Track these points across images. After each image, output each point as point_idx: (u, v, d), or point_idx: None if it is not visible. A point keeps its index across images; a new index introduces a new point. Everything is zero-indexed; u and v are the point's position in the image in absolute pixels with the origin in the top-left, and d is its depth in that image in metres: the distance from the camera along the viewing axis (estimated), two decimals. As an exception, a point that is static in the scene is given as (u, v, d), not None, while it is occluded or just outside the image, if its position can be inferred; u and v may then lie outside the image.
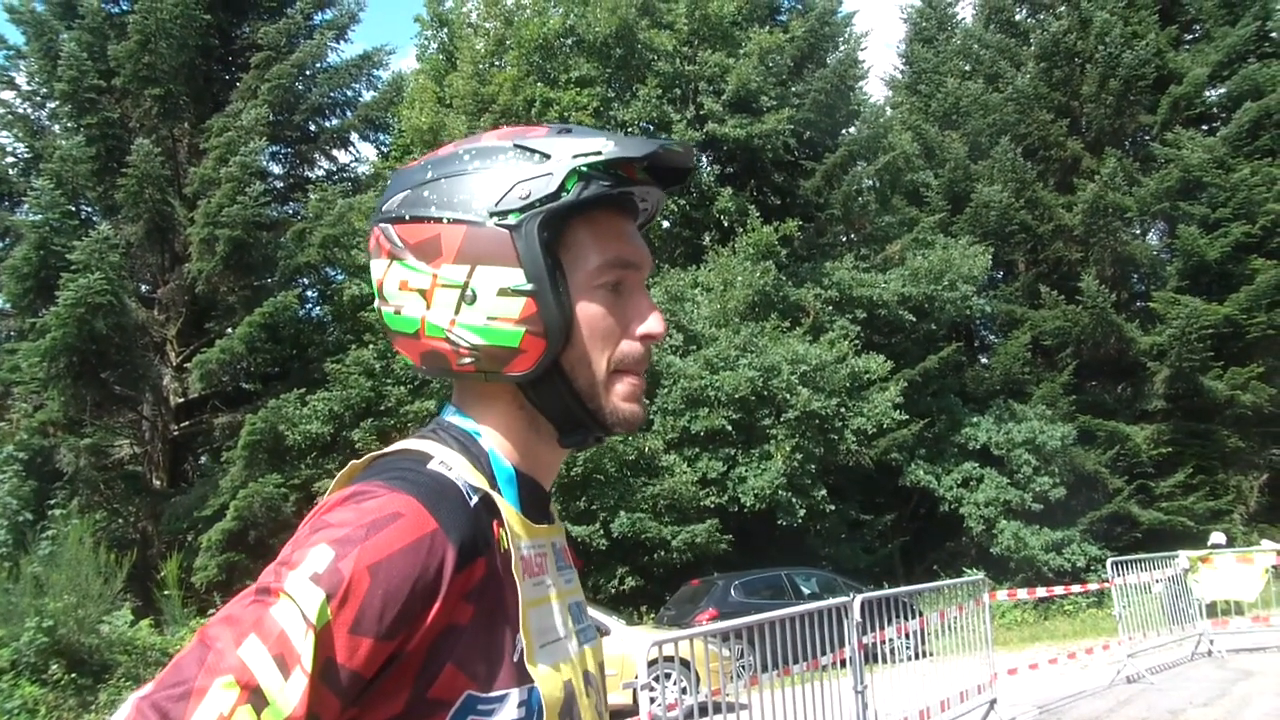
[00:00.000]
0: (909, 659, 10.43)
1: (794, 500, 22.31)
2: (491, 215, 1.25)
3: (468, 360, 1.28)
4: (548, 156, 1.26)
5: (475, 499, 1.20)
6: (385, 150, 27.85)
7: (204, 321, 21.69)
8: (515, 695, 1.16)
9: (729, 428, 22.19)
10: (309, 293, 23.84)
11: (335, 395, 20.85)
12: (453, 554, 1.13)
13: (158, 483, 21.18)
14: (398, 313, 1.32)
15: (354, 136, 25.44)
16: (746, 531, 22.57)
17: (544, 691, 1.19)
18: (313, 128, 24.79)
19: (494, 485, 1.27)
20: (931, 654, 10.80)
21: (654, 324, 1.32)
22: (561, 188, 1.24)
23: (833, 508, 23.44)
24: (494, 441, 1.32)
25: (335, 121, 25.00)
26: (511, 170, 1.26)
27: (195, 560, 19.20)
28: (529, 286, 1.23)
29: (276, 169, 24.63)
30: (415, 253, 1.29)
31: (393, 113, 25.98)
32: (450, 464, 1.23)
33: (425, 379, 20.76)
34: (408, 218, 1.30)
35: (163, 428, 21.37)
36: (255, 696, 1.01)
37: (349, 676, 1.06)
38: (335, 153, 25.43)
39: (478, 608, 1.16)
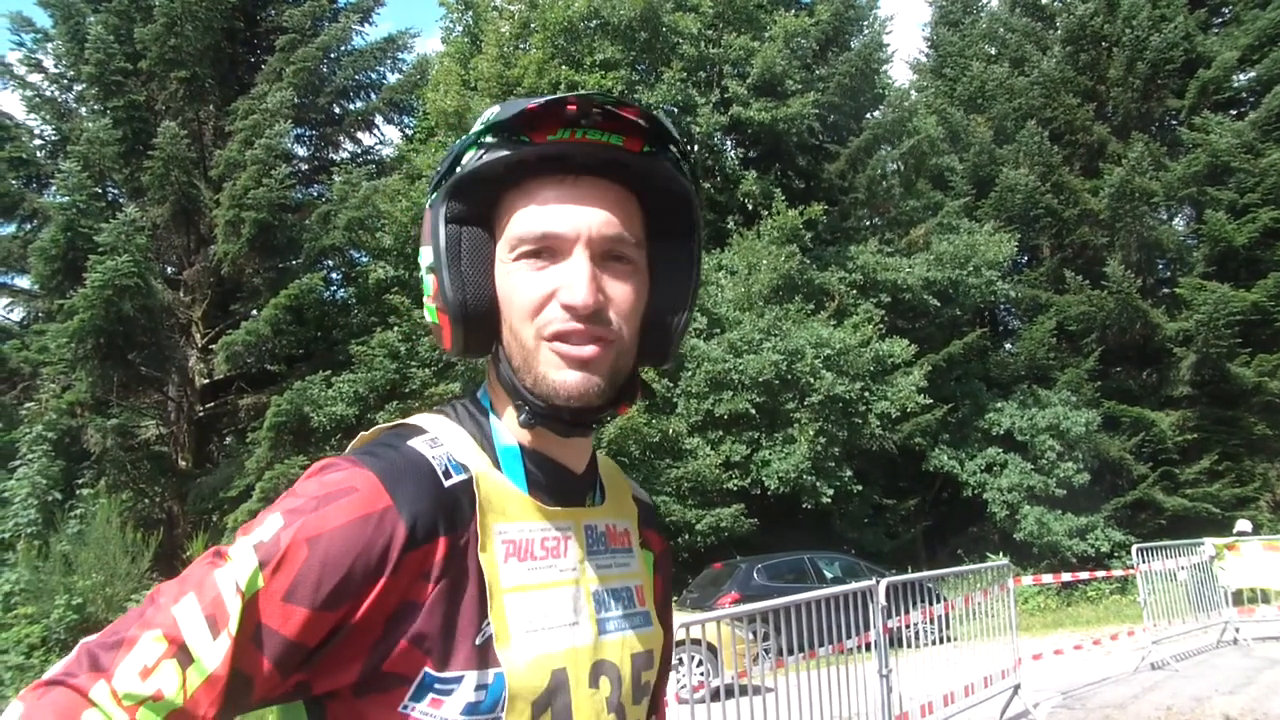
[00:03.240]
0: (933, 644, 10.41)
1: (818, 484, 22.28)
2: (429, 197, 1.29)
3: (435, 339, 1.32)
4: (465, 133, 1.28)
5: (457, 477, 1.21)
6: (409, 133, 27.86)
7: (229, 303, 21.74)
8: (472, 678, 1.16)
9: (752, 411, 22.17)
10: (333, 275, 23.85)
11: (360, 377, 20.89)
12: (403, 532, 1.13)
13: (183, 463, 21.27)
14: None
15: (378, 119, 25.41)
16: (769, 515, 22.59)
17: (514, 678, 1.18)
18: (337, 110, 24.77)
19: (495, 463, 1.28)
20: (955, 639, 10.79)
21: (571, 292, 1.23)
22: (456, 161, 1.25)
23: (859, 488, 23.42)
24: (501, 420, 1.33)
25: (360, 104, 24.97)
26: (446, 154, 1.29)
27: (221, 540, 19.26)
28: (433, 264, 1.26)
29: (301, 151, 24.65)
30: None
31: (417, 95, 25.95)
32: (441, 439, 1.25)
33: (450, 361, 20.82)
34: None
35: (188, 409, 21.46)
36: (181, 652, 1.05)
37: (282, 643, 1.08)
38: (360, 135, 25.41)
39: (436, 587, 1.16)
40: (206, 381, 21.75)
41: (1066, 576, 17.49)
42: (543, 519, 1.28)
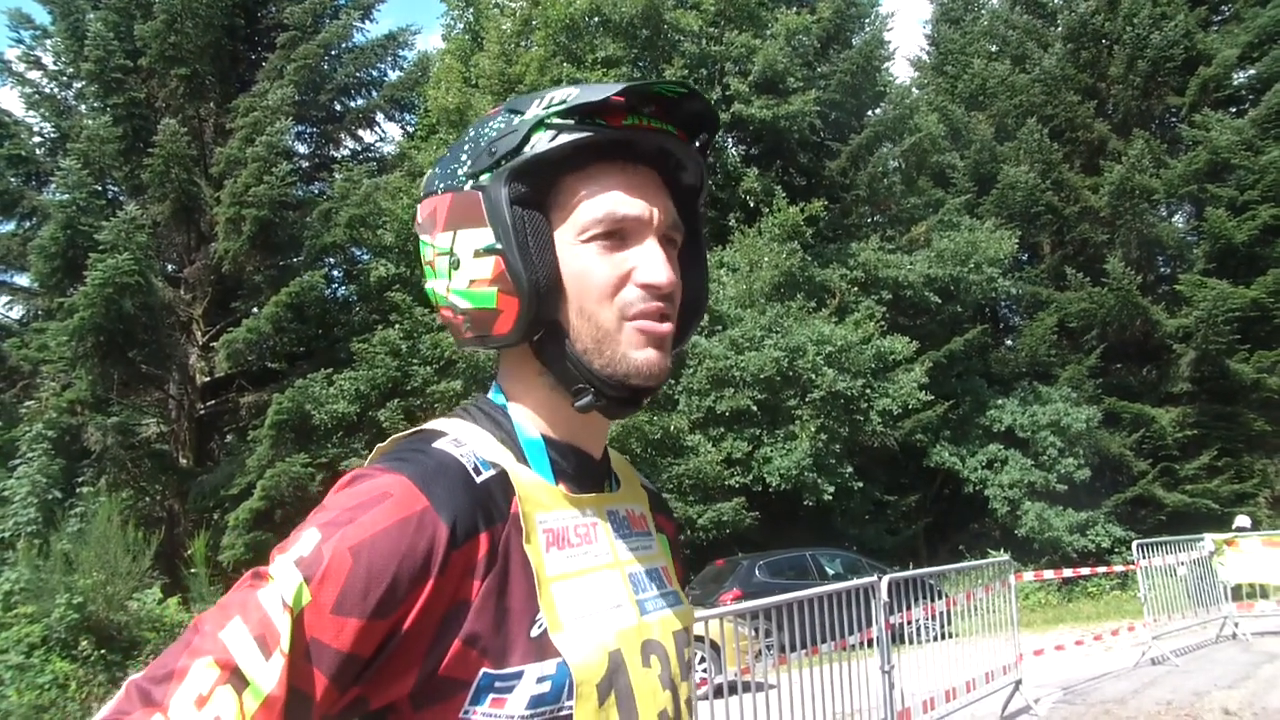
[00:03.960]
0: (934, 640, 10.43)
1: (819, 480, 22.30)
2: (468, 179, 1.27)
3: (465, 326, 1.30)
4: (521, 114, 1.26)
5: (487, 473, 1.21)
6: (411, 130, 27.86)
7: (230, 301, 21.75)
8: (533, 670, 1.16)
9: (754, 408, 22.19)
10: (335, 272, 23.85)
11: (361, 375, 20.90)
12: (445, 531, 1.13)
13: (184, 461, 21.27)
14: (427, 287, 1.36)
15: (379, 116, 25.40)
16: (771, 512, 22.59)
17: (576, 664, 1.18)
18: (338, 107, 24.77)
19: (521, 458, 1.28)
20: (956, 635, 10.80)
21: (651, 272, 1.27)
22: (524, 142, 1.24)
23: (860, 485, 23.44)
24: (521, 413, 1.33)
25: (361, 101, 24.97)
26: (490, 133, 1.28)
27: (222, 539, 19.29)
28: (497, 245, 1.24)
29: (302, 149, 24.64)
30: (425, 227, 1.33)
31: (418, 92, 25.96)
32: (464, 440, 1.25)
33: (452, 358, 20.82)
34: (423, 195, 1.34)
35: (189, 407, 21.45)
36: (235, 676, 1.03)
37: (336, 656, 1.08)
38: (361, 133, 25.40)
39: (484, 584, 1.16)
40: (207, 379, 21.76)
41: (1068, 572, 17.56)
42: (572, 507, 1.29)
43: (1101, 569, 19.18)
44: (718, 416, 22.27)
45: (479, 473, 1.20)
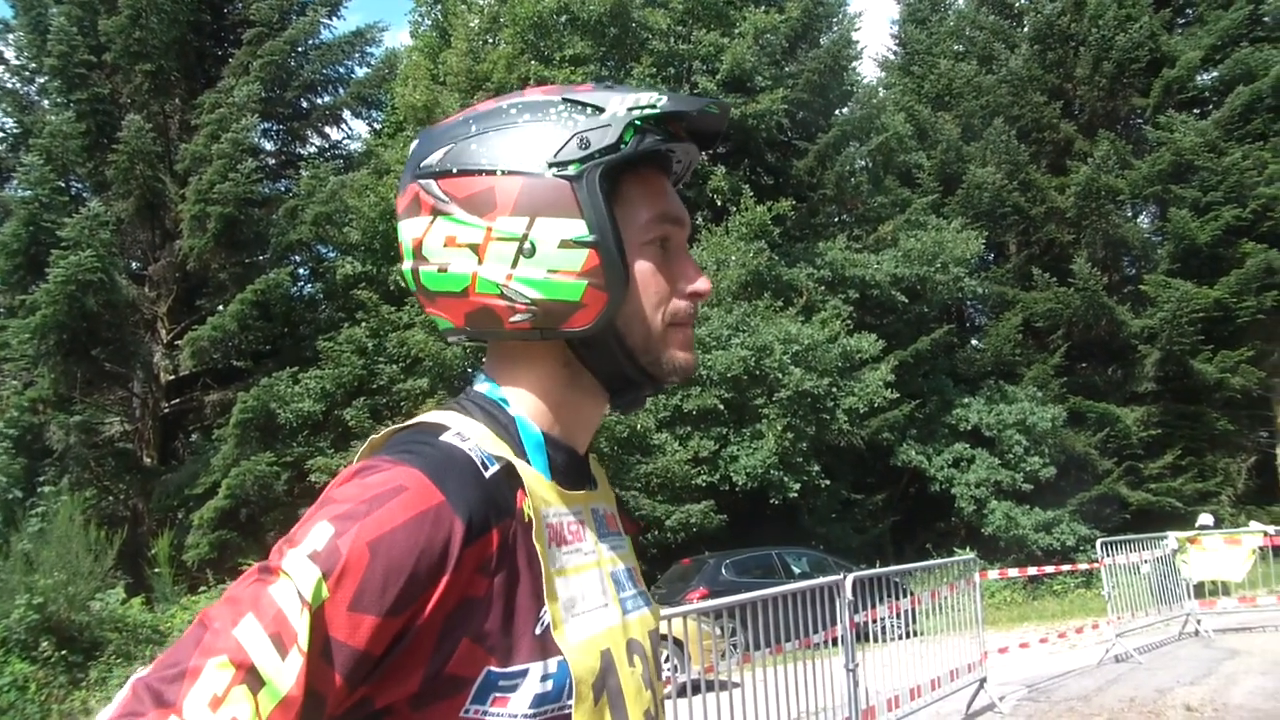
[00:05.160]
0: (899, 638, 10.45)
1: (785, 479, 22.36)
2: (550, 166, 1.23)
3: (522, 317, 1.26)
4: (601, 109, 1.25)
5: (494, 468, 1.18)
6: (378, 128, 27.76)
7: (195, 299, 21.64)
8: (538, 668, 1.14)
9: (721, 406, 22.21)
10: (301, 270, 23.77)
11: (327, 373, 20.83)
12: (461, 526, 1.11)
13: (148, 460, 21.14)
14: (442, 271, 1.29)
15: (346, 113, 25.30)
16: (737, 510, 22.62)
17: (574, 662, 1.17)
18: (305, 104, 24.67)
19: (520, 453, 1.25)
20: (922, 633, 10.84)
21: (702, 283, 1.33)
22: (620, 139, 1.23)
23: (826, 484, 23.51)
24: (524, 407, 1.31)
25: (328, 98, 24.86)
26: (566, 122, 1.25)
27: (187, 538, 19.19)
28: (592, 238, 1.22)
29: (268, 146, 24.53)
30: (465, 206, 1.26)
31: (386, 90, 25.87)
32: (467, 434, 1.22)
33: (418, 357, 20.74)
34: (455, 171, 1.27)
35: (153, 405, 21.33)
36: (250, 676, 0.99)
37: (352, 654, 1.04)
38: (328, 130, 25.31)
39: (494, 580, 1.14)
40: (172, 378, 21.62)
41: (1032, 571, 17.66)
42: (565, 504, 1.28)
43: (1066, 567, 19.30)
44: (685, 415, 22.28)
45: (486, 468, 1.18)
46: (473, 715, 1.12)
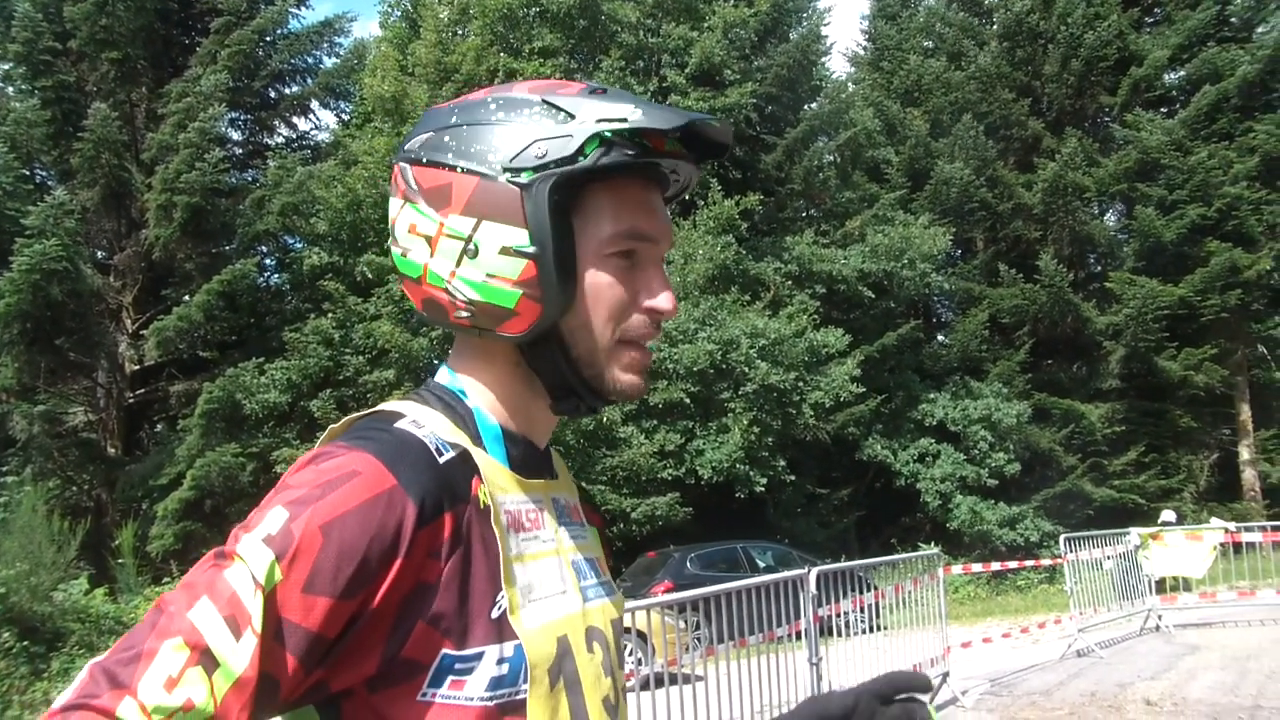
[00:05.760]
0: (863, 633, 10.50)
1: (751, 473, 22.41)
2: (505, 170, 1.22)
3: (464, 314, 1.27)
4: (572, 116, 1.22)
5: (448, 455, 1.19)
6: (346, 118, 27.65)
7: (161, 288, 21.51)
8: (493, 652, 1.15)
9: (687, 400, 22.23)
10: (267, 261, 23.69)
11: (293, 365, 20.75)
12: (413, 510, 1.11)
13: (112, 450, 21.02)
14: (404, 255, 1.31)
15: (314, 104, 25.26)
16: (703, 504, 22.65)
17: (530, 646, 1.18)
18: (273, 94, 24.57)
19: (478, 442, 1.26)
20: (885, 628, 10.89)
21: (663, 301, 1.29)
22: (580, 151, 1.21)
23: (792, 478, 23.57)
24: (481, 400, 1.32)
25: (295, 88, 24.77)
26: (533, 127, 1.23)
27: (151, 529, 19.10)
28: (531, 249, 1.21)
29: (235, 135, 24.43)
30: (426, 198, 1.27)
31: (354, 80, 25.78)
32: (422, 421, 1.23)
33: (385, 348, 20.70)
34: (425, 160, 1.27)
35: (118, 395, 21.20)
36: (205, 657, 1.00)
37: (306, 636, 1.05)
38: (295, 120, 25.26)
39: (448, 564, 1.14)
40: (137, 368, 21.50)
41: (996, 566, 17.76)
42: (523, 492, 1.29)
43: (1030, 563, 19.42)
44: (650, 408, 22.29)
45: (440, 454, 1.18)
46: (430, 698, 1.13)
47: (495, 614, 1.17)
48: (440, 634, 1.13)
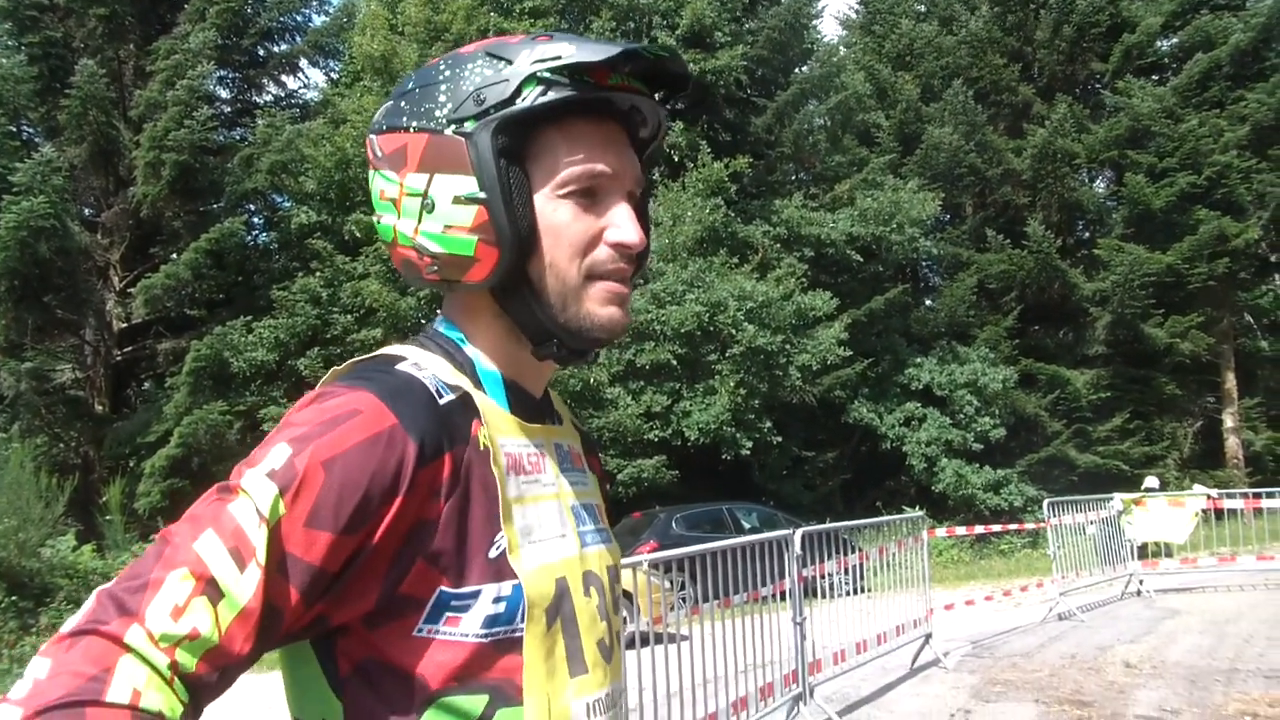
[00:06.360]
0: (847, 594, 10.57)
1: (737, 435, 22.47)
2: (450, 123, 1.25)
3: (433, 269, 1.30)
4: (510, 63, 1.25)
5: (449, 397, 1.22)
6: (335, 77, 27.50)
7: (149, 246, 21.45)
8: (490, 590, 1.18)
9: (674, 362, 22.23)
10: (255, 219, 23.63)
11: (281, 323, 20.75)
12: (413, 449, 1.14)
13: (100, 408, 21.02)
14: (379, 221, 1.35)
15: (303, 62, 25.09)
16: (689, 466, 22.70)
17: (529, 586, 1.21)
18: (261, 53, 24.42)
19: (479, 386, 1.30)
20: (869, 589, 10.97)
21: (624, 232, 1.30)
22: (516, 94, 1.24)
23: (778, 440, 23.64)
24: (478, 348, 1.35)
25: (284, 47, 24.63)
26: (473, 78, 1.26)
27: (138, 486, 19.13)
28: (481, 195, 1.24)
29: (224, 93, 24.30)
30: (388, 163, 1.31)
31: (343, 39, 25.62)
32: (424, 364, 1.26)
33: (372, 307, 20.70)
34: (385, 128, 1.32)
35: (105, 353, 21.18)
36: (210, 588, 1.03)
37: (307, 570, 1.08)
38: (284, 78, 25.11)
39: (448, 504, 1.17)
40: (124, 325, 21.47)
41: (980, 529, 17.88)
42: (524, 435, 1.32)
43: (1014, 526, 19.54)
44: (638, 370, 22.30)
45: (440, 395, 1.21)
46: (425, 634, 1.17)
47: (494, 554, 1.20)
48: (438, 572, 1.17)
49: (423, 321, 20.93)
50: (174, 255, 20.60)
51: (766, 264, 24.83)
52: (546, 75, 1.23)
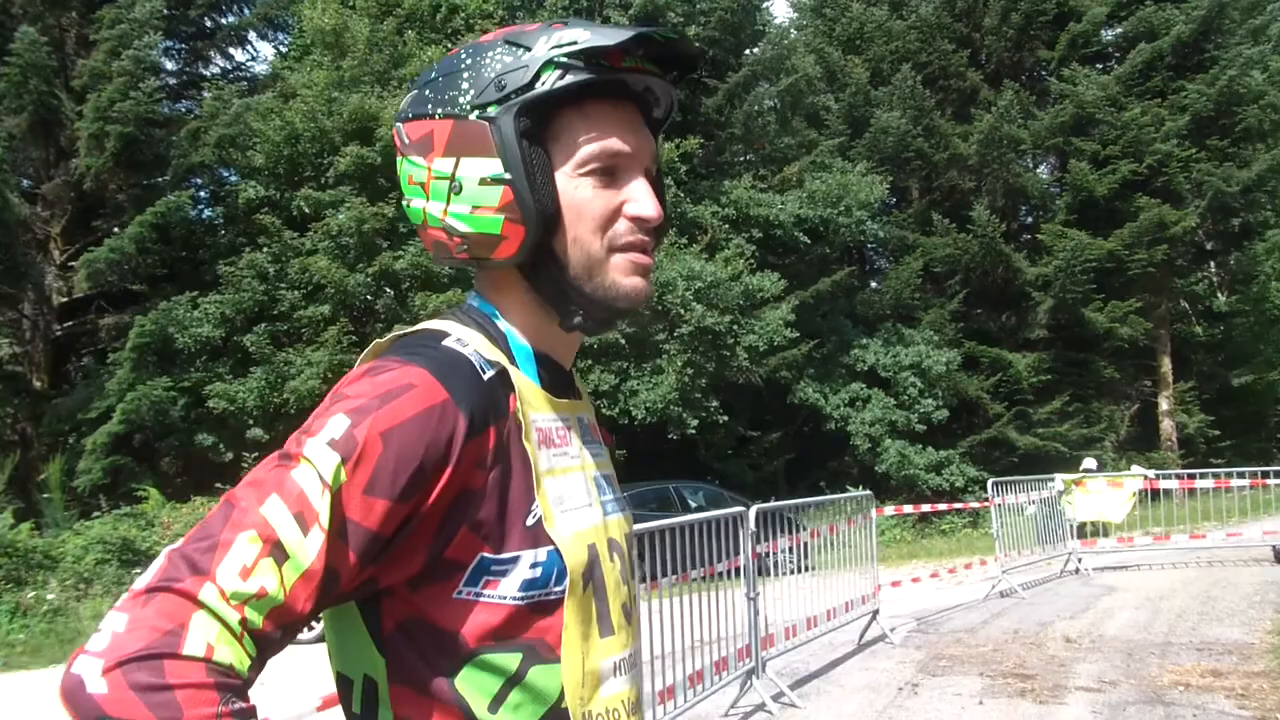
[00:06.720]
0: (792, 572, 10.67)
1: (684, 415, 22.54)
2: (474, 109, 1.32)
3: (462, 248, 1.36)
4: (528, 49, 1.31)
5: (490, 373, 1.29)
6: (284, 50, 27.22)
7: (91, 219, 21.12)
8: (528, 556, 1.25)
9: (622, 341, 22.26)
10: (202, 194, 23.34)
11: (227, 299, 20.56)
12: (464, 422, 1.21)
13: (38, 384, 20.71)
14: (409, 205, 1.40)
15: (252, 35, 24.84)
16: (636, 445, 22.73)
17: (568, 553, 1.28)
18: (209, 24, 24.14)
19: (513, 361, 1.35)
20: (815, 567, 11.07)
21: (643, 206, 1.36)
22: (536, 78, 1.30)
23: (724, 420, 23.73)
24: (511, 323, 1.40)
25: (233, 19, 24.34)
26: (494, 65, 1.32)
27: (79, 463, 18.88)
28: (506, 175, 1.30)
29: (170, 65, 23.96)
30: (415, 149, 1.38)
31: (293, 12, 25.34)
32: (466, 340, 1.32)
33: (320, 284, 20.54)
34: (410, 116, 1.38)
35: (45, 327, 20.86)
36: (276, 550, 1.09)
37: (365, 535, 1.14)
38: (232, 51, 24.86)
39: (490, 474, 1.24)
40: (65, 300, 21.18)
41: (925, 508, 18.10)
42: (553, 410, 1.38)
43: (958, 505, 19.77)
44: (585, 349, 22.25)
45: (484, 371, 1.28)
46: (466, 596, 1.24)
47: (530, 522, 1.27)
48: (480, 538, 1.23)
49: (369, 299, 20.85)
50: (117, 229, 20.28)
51: (715, 244, 24.88)
52: (564, 60, 1.30)
